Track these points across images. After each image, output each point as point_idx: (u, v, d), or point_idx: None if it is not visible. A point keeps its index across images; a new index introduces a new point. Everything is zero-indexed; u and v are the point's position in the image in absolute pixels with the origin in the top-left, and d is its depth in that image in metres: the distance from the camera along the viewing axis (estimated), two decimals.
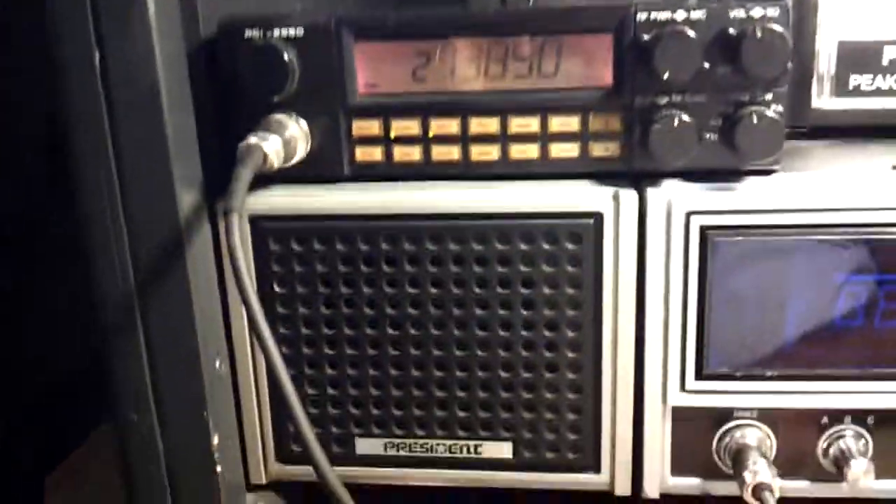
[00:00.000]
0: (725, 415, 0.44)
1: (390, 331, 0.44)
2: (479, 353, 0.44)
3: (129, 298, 0.42)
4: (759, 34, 0.38)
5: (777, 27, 0.39)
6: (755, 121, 0.39)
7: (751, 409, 0.43)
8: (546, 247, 0.42)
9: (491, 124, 0.43)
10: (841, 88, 0.51)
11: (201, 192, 0.43)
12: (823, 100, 0.52)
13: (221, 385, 0.45)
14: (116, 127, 0.40)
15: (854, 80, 0.51)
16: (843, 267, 0.41)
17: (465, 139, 0.43)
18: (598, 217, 0.42)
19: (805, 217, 0.41)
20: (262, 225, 0.43)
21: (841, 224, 0.41)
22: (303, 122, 0.43)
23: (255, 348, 0.45)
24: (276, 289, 0.44)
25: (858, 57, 0.51)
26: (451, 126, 0.43)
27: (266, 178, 0.42)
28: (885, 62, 0.50)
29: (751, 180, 0.42)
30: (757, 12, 0.40)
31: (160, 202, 0.41)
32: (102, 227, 0.41)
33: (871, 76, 0.51)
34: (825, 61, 0.51)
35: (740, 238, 0.41)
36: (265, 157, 0.40)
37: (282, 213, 0.43)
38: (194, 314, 0.42)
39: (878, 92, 0.51)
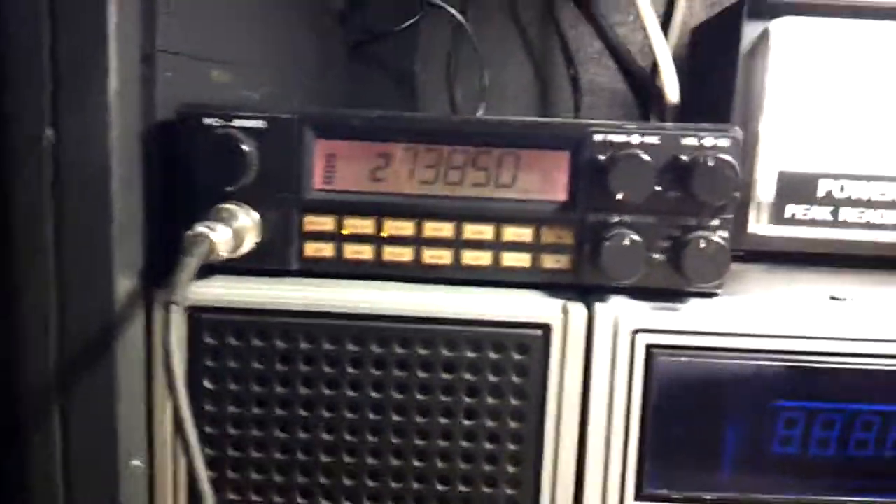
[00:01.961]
0: None
1: (324, 436, 0.42)
2: (416, 463, 0.42)
3: (51, 384, 0.39)
4: (710, 163, 0.40)
5: (728, 157, 0.40)
6: (702, 246, 0.40)
7: None
8: (493, 356, 0.42)
9: (445, 229, 0.43)
10: (777, 216, 0.54)
11: (139, 279, 0.41)
12: (761, 226, 0.54)
13: (137, 484, 0.42)
14: (61, 204, 0.38)
15: (790, 209, 0.54)
16: (781, 393, 0.42)
17: (418, 242, 0.43)
18: (546, 329, 0.42)
19: (747, 342, 0.41)
20: (198, 316, 0.42)
21: (781, 350, 0.41)
22: (254, 214, 0.43)
23: (176, 446, 0.43)
24: (207, 384, 0.42)
25: (795, 187, 0.53)
26: (406, 228, 0.43)
27: (207, 268, 0.41)
28: (820, 193, 0.53)
29: (695, 302, 0.43)
30: (708, 141, 0.41)
31: (96, 286, 0.39)
32: (32, 305, 0.39)
33: (806, 206, 0.53)
34: (764, 189, 0.53)
35: (684, 358, 0.41)
36: (212, 247, 0.39)
37: (220, 304, 0.42)
38: (118, 407, 0.40)
39: (813, 222, 0.53)
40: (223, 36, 0.50)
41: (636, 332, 0.41)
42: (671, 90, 0.79)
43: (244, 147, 0.41)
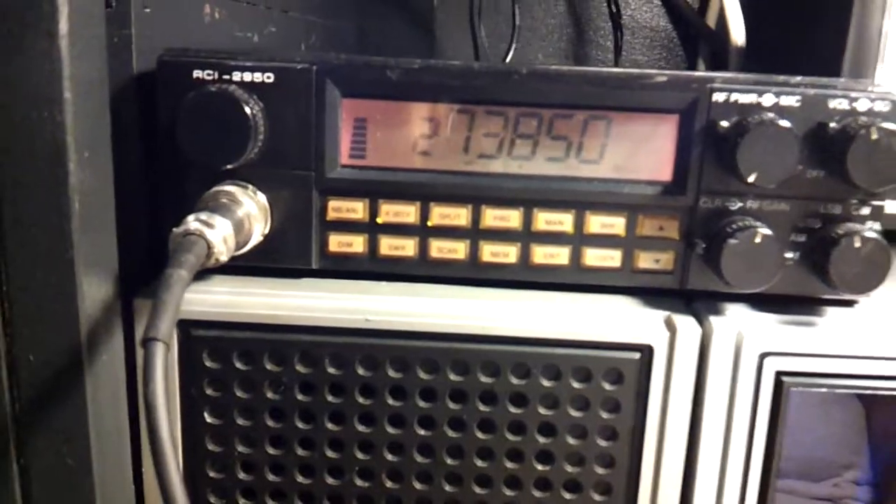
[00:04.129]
0: None
1: (359, 482, 0.33)
2: None
3: (3, 428, 0.30)
4: (872, 136, 0.30)
5: (893, 127, 0.30)
6: (856, 245, 0.31)
7: None
8: (575, 385, 0.32)
9: (511, 217, 0.33)
10: None
11: (116, 285, 0.31)
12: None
13: None
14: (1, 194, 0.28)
15: None
16: None
17: (475, 234, 0.33)
18: (646, 351, 0.32)
19: None
20: (194, 333, 0.32)
21: None
22: (261, 197, 0.33)
23: None
24: (209, 418, 0.33)
25: None
26: (459, 216, 0.33)
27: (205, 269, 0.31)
28: None
29: (833, 313, 0.33)
30: (863, 104, 0.31)
31: (55, 296, 0.29)
32: None
33: None
34: None
35: (824, 389, 0.32)
36: (209, 249, 0.29)
37: (223, 318, 0.32)
38: (92, 453, 0.30)
39: None
40: None
41: (764, 356, 0.32)
42: (736, 30, 0.68)
43: (247, 110, 0.31)
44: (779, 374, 0.32)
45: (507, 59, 0.81)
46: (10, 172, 0.28)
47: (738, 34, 0.67)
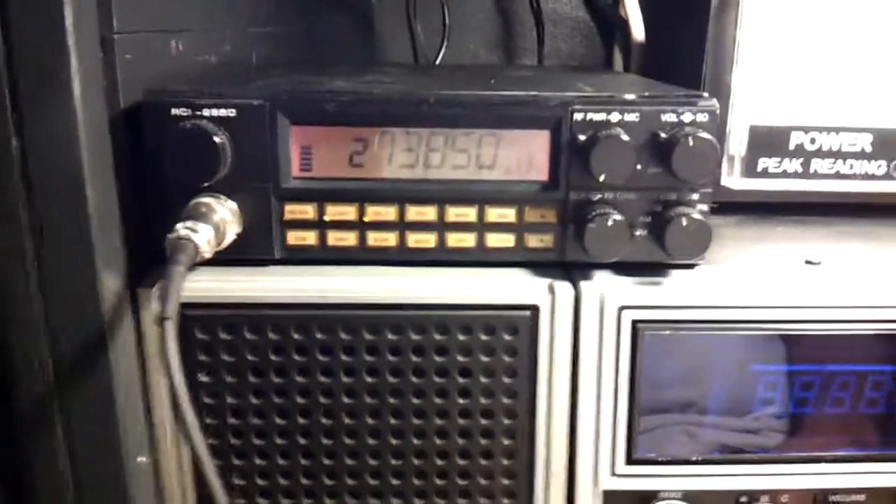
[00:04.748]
0: (651, 496, 0.45)
1: (323, 420, 0.43)
2: (415, 441, 0.44)
3: (48, 390, 0.39)
4: (690, 143, 0.40)
5: (706, 135, 0.40)
6: (684, 223, 0.41)
7: (675, 491, 0.45)
8: (483, 337, 0.42)
9: (428, 213, 0.43)
10: (750, 170, 0.54)
11: (124, 278, 0.40)
12: (733, 179, 0.54)
13: (144, 478, 0.42)
14: (37, 212, 0.37)
15: (763, 162, 0.54)
16: (761, 358, 0.44)
17: (401, 226, 0.43)
18: (534, 309, 0.42)
19: (728, 313, 0.43)
20: (187, 313, 0.41)
21: (759, 320, 0.43)
22: (232, 204, 0.42)
23: (179, 439, 0.43)
24: (202, 378, 0.42)
25: (767, 141, 0.54)
26: (388, 213, 0.43)
27: None
28: (791, 146, 0.54)
29: (676, 274, 0.44)
30: (687, 117, 0.41)
31: (81, 289, 0.38)
32: (19, 316, 0.38)
33: (778, 159, 0.54)
34: (736, 143, 0.54)
35: (668, 332, 0.43)
36: (197, 249, 0.38)
37: (208, 300, 0.42)
38: (116, 406, 0.40)
39: (785, 174, 0.54)
40: (178, 2, 0.48)
41: (622, 308, 0.42)
42: (636, 28, 0.77)
43: (216, 140, 0.40)
44: (634, 322, 0.42)
45: (439, 59, 0.89)
46: (45, 200, 0.37)
47: (637, 30, 0.77)
